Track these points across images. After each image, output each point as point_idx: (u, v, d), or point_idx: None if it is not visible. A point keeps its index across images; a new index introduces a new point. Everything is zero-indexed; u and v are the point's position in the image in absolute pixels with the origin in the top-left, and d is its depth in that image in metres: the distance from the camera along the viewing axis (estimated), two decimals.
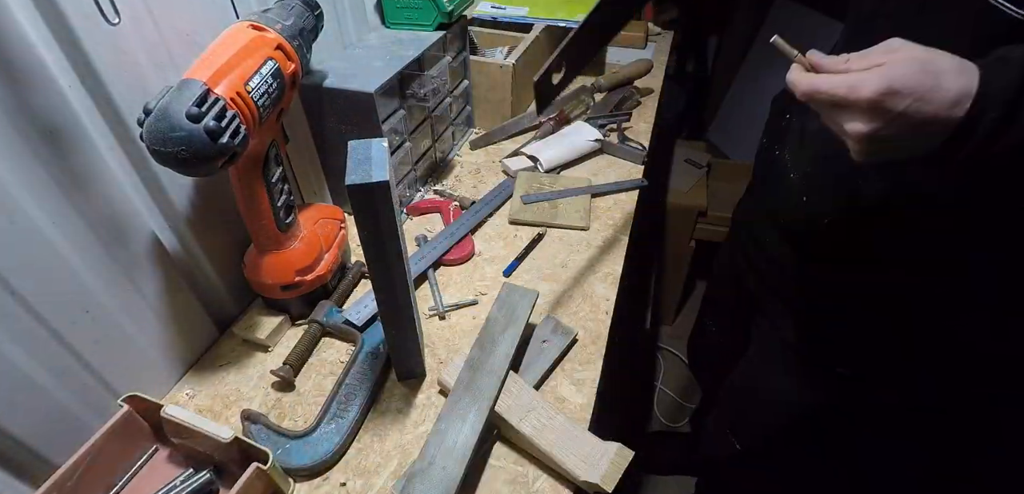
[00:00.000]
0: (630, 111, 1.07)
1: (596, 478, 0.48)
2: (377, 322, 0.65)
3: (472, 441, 0.48)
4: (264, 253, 0.61)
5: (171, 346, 0.60)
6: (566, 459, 0.49)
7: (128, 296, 0.54)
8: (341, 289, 0.69)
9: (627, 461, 0.49)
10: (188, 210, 0.58)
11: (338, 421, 0.54)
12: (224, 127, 0.45)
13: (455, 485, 0.46)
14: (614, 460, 0.49)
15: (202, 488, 0.50)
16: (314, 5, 0.61)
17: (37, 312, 0.46)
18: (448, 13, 0.81)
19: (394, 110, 0.75)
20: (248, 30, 0.51)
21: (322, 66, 0.73)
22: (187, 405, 0.59)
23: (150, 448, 0.54)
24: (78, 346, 0.50)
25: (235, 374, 0.62)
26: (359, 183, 0.42)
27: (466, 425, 0.50)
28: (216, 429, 0.48)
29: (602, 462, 0.49)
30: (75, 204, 0.47)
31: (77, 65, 0.45)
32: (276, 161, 0.58)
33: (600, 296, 0.69)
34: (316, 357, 0.63)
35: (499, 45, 1.09)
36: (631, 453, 0.50)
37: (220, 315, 0.66)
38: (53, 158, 0.45)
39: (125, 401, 0.51)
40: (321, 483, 0.52)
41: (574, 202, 0.82)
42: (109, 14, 0.46)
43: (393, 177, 0.46)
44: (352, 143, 0.46)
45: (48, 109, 0.44)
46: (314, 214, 0.68)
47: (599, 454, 0.50)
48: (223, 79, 0.47)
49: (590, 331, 0.64)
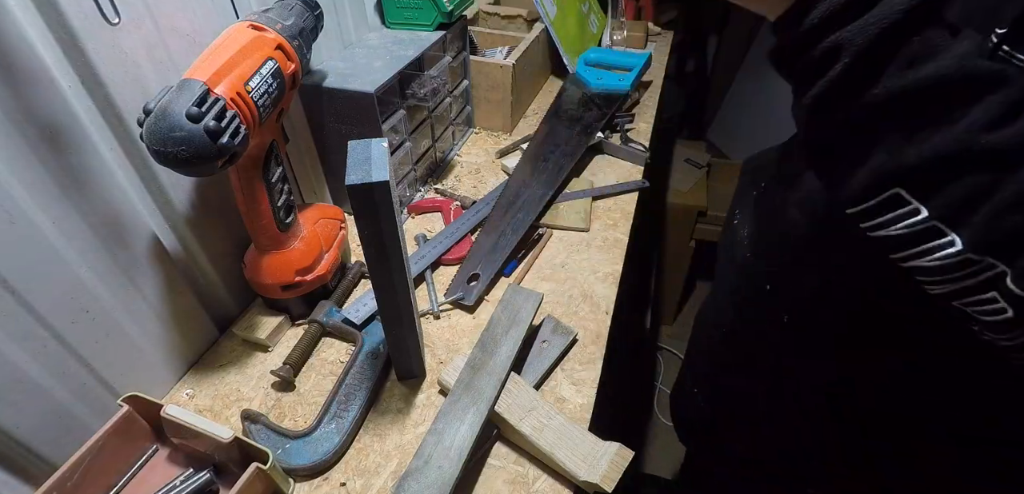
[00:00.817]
0: (632, 112, 1.07)
1: (596, 478, 0.48)
2: (377, 322, 0.65)
3: (470, 441, 0.48)
4: (264, 253, 0.61)
5: (171, 346, 0.60)
6: (566, 459, 0.49)
7: (128, 296, 0.54)
8: (341, 289, 0.69)
9: (627, 461, 0.49)
10: (188, 210, 0.58)
11: (338, 421, 0.54)
12: (224, 127, 0.45)
13: (451, 485, 0.46)
14: (614, 460, 0.49)
15: (202, 488, 0.50)
16: (314, 5, 0.61)
17: (37, 312, 0.46)
18: (448, 13, 0.81)
19: (394, 110, 0.75)
20: (248, 30, 0.51)
21: (322, 66, 0.73)
22: (187, 405, 0.59)
23: (150, 448, 0.54)
24: (78, 346, 0.50)
25: (235, 374, 0.62)
26: (359, 183, 0.42)
27: (464, 425, 0.50)
28: (216, 429, 0.48)
29: (602, 462, 0.49)
30: (75, 204, 0.47)
31: (77, 65, 0.45)
32: (276, 161, 0.58)
33: (600, 296, 0.69)
34: (316, 357, 0.63)
35: (499, 45, 1.09)
36: (631, 453, 0.50)
37: (220, 315, 0.66)
38: (53, 158, 0.45)
39: (125, 401, 0.51)
40: (321, 483, 0.52)
41: (574, 203, 0.82)
42: (109, 14, 0.46)
43: (393, 177, 0.46)
44: (352, 143, 0.46)
45: (48, 109, 0.44)
46: (314, 214, 0.68)
47: (599, 454, 0.50)
48: (223, 79, 0.47)
49: (590, 331, 0.64)
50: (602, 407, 0.58)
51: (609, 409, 0.84)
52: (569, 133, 0.93)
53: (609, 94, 1.01)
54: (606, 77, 1.04)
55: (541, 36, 1.07)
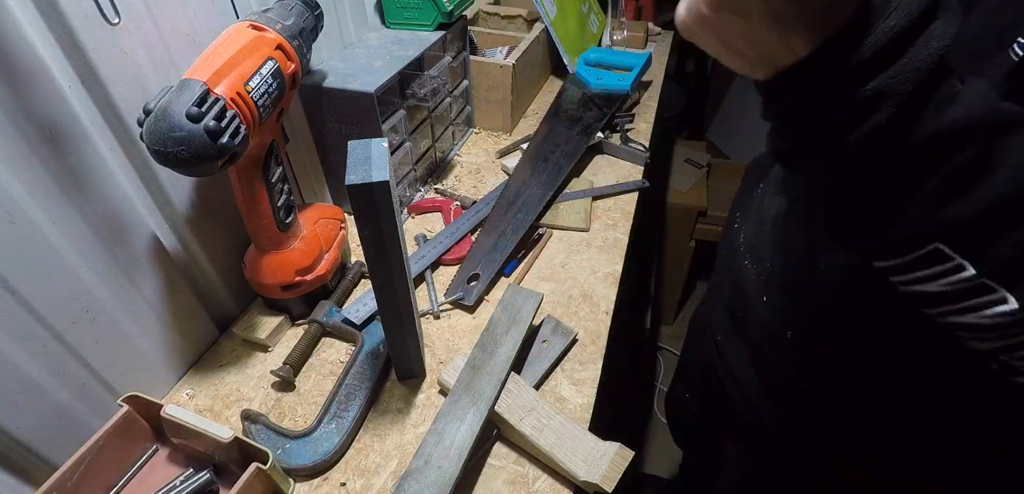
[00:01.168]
0: (632, 112, 1.07)
1: (596, 478, 0.48)
2: (377, 322, 0.65)
3: (470, 441, 0.48)
4: (264, 253, 0.61)
5: (171, 346, 0.60)
6: (566, 459, 0.49)
7: (128, 296, 0.54)
8: (341, 289, 0.69)
9: (627, 461, 0.49)
10: (188, 210, 0.58)
11: (338, 421, 0.54)
12: (224, 127, 0.45)
13: (451, 485, 0.46)
14: (614, 460, 0.49)
15: (202, 488, 0.50)
16: (314, 5, 0.61)
17: (37, 312, 0.46)
18: (448, 13, 0.81)
19: (394, 110, 0.75)
20: (248, 30, 0.51)
21: (322, 66, 0.73)
22: (187, 405, 0.59)
23: (150, 448, 0.54)
24: (78, 346, 0.50)
25: (235, 374, 0.62)
26: (359, 183, 0.42)
27: (464, 425, 0.50)
28: (216, 429, 0.48)
29: (602, 462, 0.49)
30: (75, 204, 0.47)
31: (77, 65, 0.45)
32: (276, 161, 0.58)
33: (600, 296, 0.69)
34: (316, 357, 0.63)
35: (499, 45, 1.09)
36: (631, 453, 0.50)
37: (220, 315, 0.66)
38: (53, 158, 0.45)
39: (125, 401, 0.51)
40: (321, 483, 0.52)
41: (574, 204, 0.82)
42: (109, 14, 0.46)
43: (393, 177, 0.46)
44: (352, 143, 0.46)
45: (48, 109, 0.44)
46: (314, 214, 0.68)
47: (599, 454, 0.50)
48: (223, 79, 0.47)
49: (590, 331, 0.64)
50: (602, 407, 0.58)
51: (609, 409, 0.84)
52: (569, 133, 0.93)
53: (609, 94, 1.01)
54: (606, 77, 1.04)
55: (541, 36, 1.07)
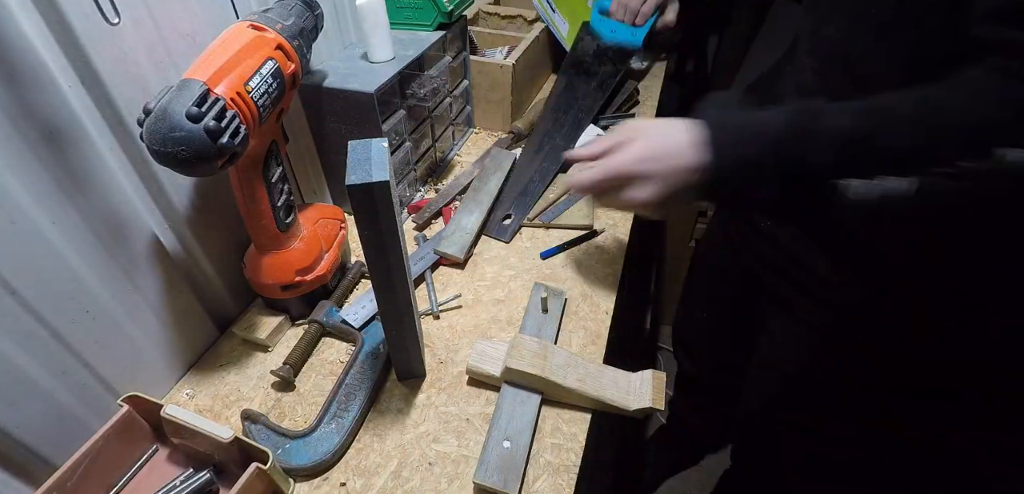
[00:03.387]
0: (632, 112, 1.07)
1: (647, 402, 0.53)
2: (377, 322, 0.65)
3: (534, 418, 0.54)
4: (264, 253, 0.61)
5: (171, 346, 0.60)
6: (616, 397, 0.54)
7: (128, 296, 0.54)
8: (341, 289, 0.69)
9: (664, 380, 0.55)
10: (188, 210, 0.58)
11: (338, 421, 0.54)
12: (224, 127, 0.45)
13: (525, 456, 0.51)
14: (654, 383, 0.54)
15: (202, 488, 0.50)
16: (314, 5, 0.61)
17: (37, 312, 0.46)
18: (448, 13, 0.81)
19: (394, 110, 0.75)
20: (248, 30, 0.51)
21: (322, 66, 0.73)
22: (187, 405, 0.59)
23: (150, 448, 0.54)
24: (78, 346, 0.50)
25: (235, 374, 0.62)
26: (359, 183, 0.42)
27: (529, 405, 0.55)
28: (216, 429, 0.48)
29: (644, 389, 0.54)
30: (75, 204, 0.47)
31: (77, 65, 0.45)
32: (276, 161, 0.58)
33: (600, 296, 0.69)
34: (316, 357, 0.63)
35: (499, 45, 1.09)
36: (663, 374, 0.55)
37: (220, 315, 0.66)
38: (53, 158, 0.45)
39: (125, 401, 0.51)
40: (321, 483, 0.52)
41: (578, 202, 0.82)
42: (109, 14, 0.46)
43: (393, 177, 0.46)
44: (352, 143, 0.46)
45: (48, 109, 0.44)
46: (314, 214, 0.68)
47: (639, 383, 0.55)
48: (223, 79, 0.47)
49: (590, 331, 0.64)
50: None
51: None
52: (586, 87, 0.97)
53: (622, 48, 1.02)
54: (620, 30, 1.03)
55: (541, 36, 1.06)
